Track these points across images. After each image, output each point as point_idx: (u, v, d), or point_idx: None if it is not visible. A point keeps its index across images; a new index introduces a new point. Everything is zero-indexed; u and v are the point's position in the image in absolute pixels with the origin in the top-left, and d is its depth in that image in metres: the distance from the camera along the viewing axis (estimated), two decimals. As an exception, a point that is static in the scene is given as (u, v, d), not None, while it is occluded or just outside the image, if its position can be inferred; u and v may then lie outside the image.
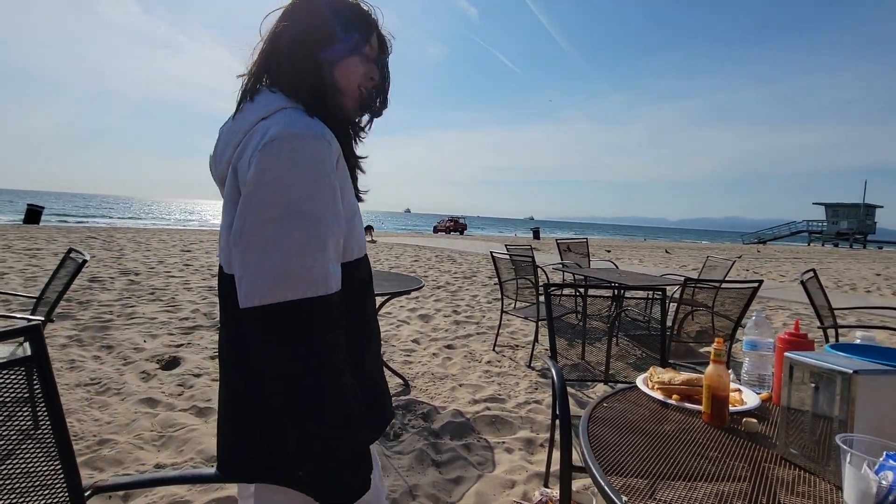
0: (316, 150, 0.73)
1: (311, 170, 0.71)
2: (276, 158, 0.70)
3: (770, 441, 1.03)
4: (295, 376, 0.68)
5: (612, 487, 0.80)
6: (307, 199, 0.70)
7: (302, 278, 0.69)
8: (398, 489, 2.02)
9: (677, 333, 3.49)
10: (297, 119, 0.75)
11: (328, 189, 0.73)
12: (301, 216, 0.70)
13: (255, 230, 0.70)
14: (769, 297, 8.05)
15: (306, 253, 0.70)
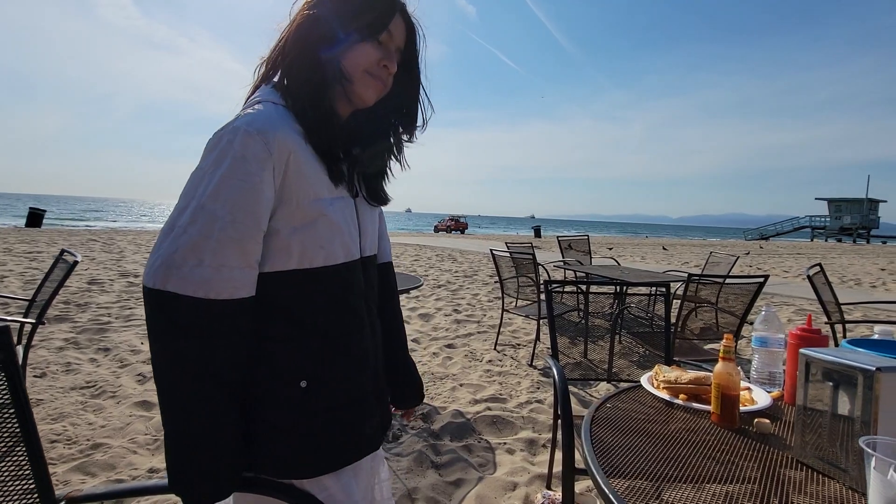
0: (244, 146, 0.70)
1: (229, 167, 0.70)
2: (207, 151, 0.72)
3: (784, 443, 0.97)
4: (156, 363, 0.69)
5: (613, 491, 0.75)
6: (211, 196, 0.69)
7: (184, 275, 0.67)
8: (397, 492, 1.97)
9: (681, 330, 3.43)
10: (256, 113, 0.74)
11: (239, 190, 0.70)
12: (202, 212, 0.69)
13: (171, 215, 0.71)
14: (773, 293, 7.97)
15: (195, 250, 0.68)
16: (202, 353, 0.69)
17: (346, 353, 0.82)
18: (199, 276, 0.67)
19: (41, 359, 3.41)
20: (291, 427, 0.77)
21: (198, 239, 0.68)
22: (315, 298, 0.79)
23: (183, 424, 0.69)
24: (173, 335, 0.68)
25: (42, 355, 3.49)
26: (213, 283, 0.68)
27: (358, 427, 0.84)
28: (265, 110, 0.76)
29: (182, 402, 0.69)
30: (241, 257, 0.71)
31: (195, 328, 0.68)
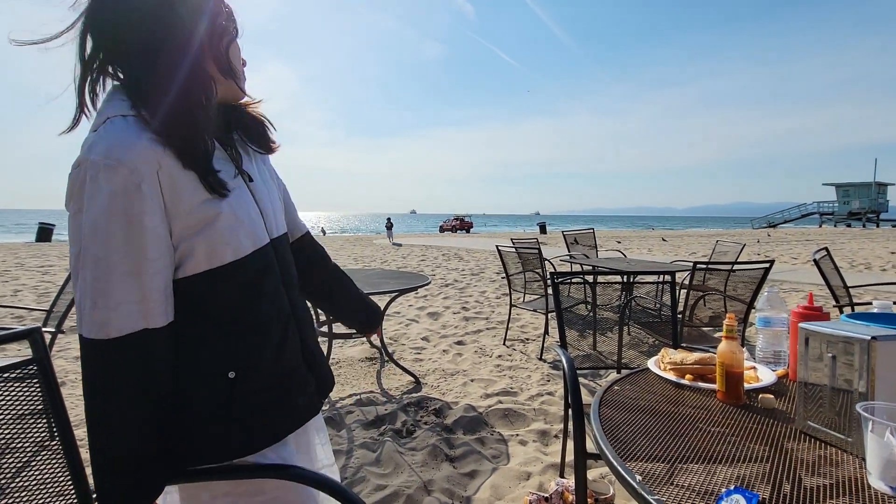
0: (108, 181, 0.67)
1: (102, 206, 0.67)
2: (73, 191, 0.69)
3: (788, 416, 1.00)
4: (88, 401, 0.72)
5: (624, 467, 0.78)
6: (93, 239, 0.68)
7: (85, 319, 0.70)
8: (412, 485, 2.01)
9: (689, 319, 3.44)
10: (107, 136, 0.70)
11: (118, 226, 0.68)
12: (87, 255, 0.69)
13: (70, 261, 0.72)
14: (781, 279, 7.93)
15: (90, 294, 0.69)
16: (115, 387, 0.72)
17: (267, 337, 0.84)
18: (97, 318, 0.69)
19: (60, 368, 3.49)
20: (225, 415, 0.80)
21: (90, 282, 0.69)
22: (229, 292, 0.80)
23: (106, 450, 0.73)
24: (89, 372, 0.72)
25: (61, 365, 3.57)
26: (111, 322, 0.69)
27: (291, 400, 0.87)
28: (116, 130, 0.70)
29: (102, 431, 0.73)
30: (137, 290, 0.71)
31: (104, 366, 0.71)
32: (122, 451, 0.73)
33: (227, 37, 0.81)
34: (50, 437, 0.94)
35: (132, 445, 0.74)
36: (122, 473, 0.74)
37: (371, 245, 18.73)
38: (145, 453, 0.75)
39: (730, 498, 0.67)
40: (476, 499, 1.94)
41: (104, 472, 0.73)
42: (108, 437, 0.73)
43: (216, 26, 0.79)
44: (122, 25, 0.73)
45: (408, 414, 2.73)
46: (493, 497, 1.95)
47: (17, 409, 0.90)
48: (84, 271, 0.69)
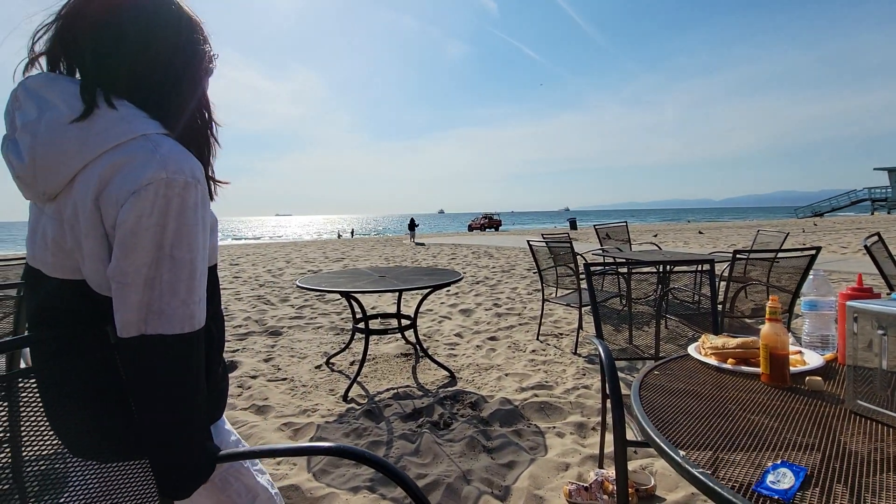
0: (191, 197, 0.75)
1: (187, 218, 0.74)
2: (152, 206, 0.72)
3: (837, 398, 0.98)
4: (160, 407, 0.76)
5: (668, 443, 0.79)
6: (180, 246, 0.74)
7: (170, 317, 0.74)
8: (452, 474, 2.05)
9: (730, 310, 3.34)
10: (170, 156, 0.74)
11: (201, 235, 0.77)
12: (172, 261, 0.74)
13: (131, 273, 0.73)
14: (830, 269, 7.54)
15: (176, 294, 0.74)
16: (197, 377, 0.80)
17: (223, 321, 0.96)
18: (188, 313, 0.76)
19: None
20: (227, 386, 0.96)
21: (178, 285, 0.75)
22: (212, 285, 0.90)
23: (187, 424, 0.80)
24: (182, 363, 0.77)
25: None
26: (197, 315, 0.78)
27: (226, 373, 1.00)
28: (171, 148, 0.76)
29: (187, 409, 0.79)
30: (203, 288, 0.80)
31: (195, 353, 0.78)
32: (199, 422, 0.82)
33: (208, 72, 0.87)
34: None
35: (202, 419, 0.83)
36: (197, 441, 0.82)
37: (401, 245, 18.94)
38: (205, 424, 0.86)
39: (776, 471, 0.67)
40: (515, 488, 1.96)
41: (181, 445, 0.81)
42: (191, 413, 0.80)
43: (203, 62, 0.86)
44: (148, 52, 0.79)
45: (444, 407, 2.77)
46: (532, 486, 1.97)
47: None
48: (168, 275, 0.74)
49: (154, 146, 0.74)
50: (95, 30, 0.75)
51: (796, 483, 0.64)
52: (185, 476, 0.83)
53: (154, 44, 0.78)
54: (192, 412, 0.80)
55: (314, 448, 0.95)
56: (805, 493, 0.65)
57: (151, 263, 0.73)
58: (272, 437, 2.47)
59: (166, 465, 0.82)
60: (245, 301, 6.45)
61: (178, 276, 0.74)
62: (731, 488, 0.66)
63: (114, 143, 0.72)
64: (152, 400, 0.77)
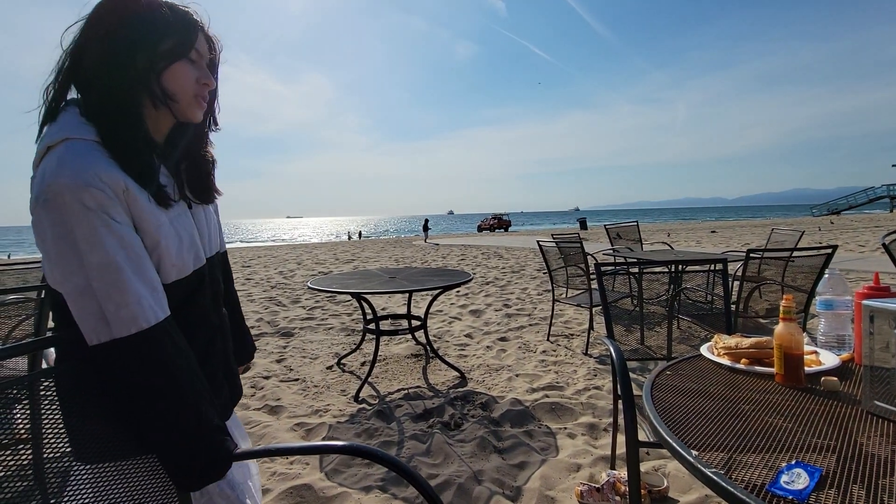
0: (88, 200, 0.73)
1: (90, 221, 0.73)
2: (48, 215, 0.72)
3: (854, 398, 0.97)
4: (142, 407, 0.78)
5: (680, 443, 0.79)
6: (93, 251, 0.73)
7: (113, 322, 0.74)
8: (463, 475, 2.05)
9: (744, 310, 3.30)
10: (69, 160, 0.73)
11: (109, 235, 0.74)
12: (93, 267, 0.73)
13: (62, 281, 0.74)
14: (848, 269, 7.40)
15: (110, 299, 0.74)
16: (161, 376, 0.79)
17: (192, 344, 0.89)
18: (126, 315, 0.75)
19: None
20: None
21: (106, 287, 0.74)
22: (179, 299, 0.88)
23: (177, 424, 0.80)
24: (141, 365, 0.77)
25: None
26: (140, 314, 0.76)
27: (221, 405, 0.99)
28: (78, 150, 0.75)
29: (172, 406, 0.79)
30: (145, 287, 0.78)
31: (156, 352, 0.78)
32: (193, 420, 0.82)
33: (165, 62, 0.83)
34: None
35: (200, 414, 0.83)
36: (198, 440, 0.82)
37: (411, 246, 19.00)
38: (211, 419, 0.85)
39: (791, 472, 0.67)
40: (526, 489, 1.96)
41: (181, 447, 0.81)
42: (178, 412, 0.80)
43: (156, 54, 0.82)
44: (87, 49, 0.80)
45: (455, 407, 2.78)
46: (544, 487, 1.96)
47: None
48: (96, 282, 0.74)
49: (65, 151, 0.74)
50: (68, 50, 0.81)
51: (811, 483, 0.64)
52: (194, 473, 0.83)
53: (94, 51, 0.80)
54: (178, 411, 0.80)
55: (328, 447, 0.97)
56: (820, 493, 0.64)
57: (75, 272, 0.73)
58: (285, 437, 2.50)
59: (170, 464, 0.83)
60: (257, 302, 6.52)
61: (104, 280, 0.74)
62: (744, 488, 0.65)
63: (45, 146, 0.75)
64: (134, 402, 0.78)
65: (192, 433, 0.82)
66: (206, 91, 0.89)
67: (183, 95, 0.86)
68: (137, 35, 0.80)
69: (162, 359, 0.79)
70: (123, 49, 0.80)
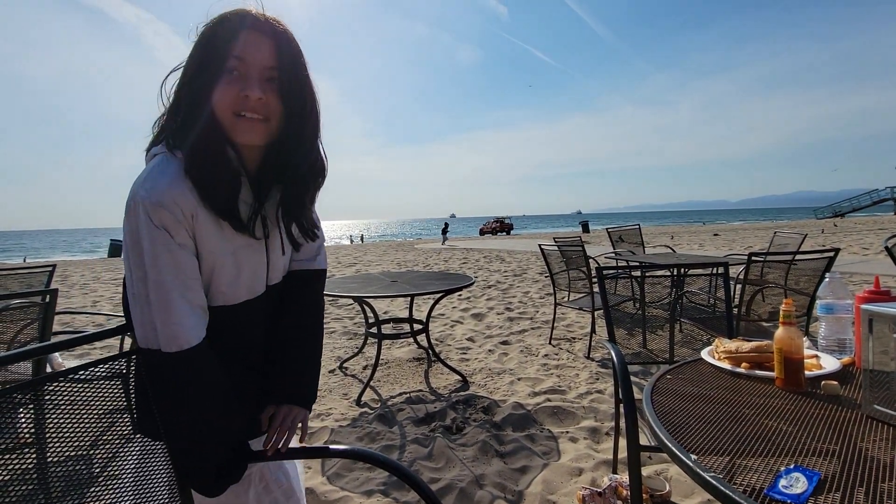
0: (156, 217, 0.75)
1: (153, 238, 0.76)
2: (128, 221, 0.77)
3: (854, 402, 0.97)
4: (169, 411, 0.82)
5: (679, 447, 0.79)
6: (152, 266, 0.77)
7: (158, 335, 0.78)
8: (465, 479, 2.05)
9: (746, 313, 3.29)
10: (154, 175, 0.77)
11: (169, 256, 0.77)
12: (150, 281, 0.77)
13: (130, 284, 0.79)
14: (851, 271, 7.37)
15: (158, 314, 0.77)
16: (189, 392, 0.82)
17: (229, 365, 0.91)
18: (168, 334, 0.78)
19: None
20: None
21: (155, 303, 0.77)
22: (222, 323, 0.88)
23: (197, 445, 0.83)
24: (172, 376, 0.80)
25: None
26: (180, 336, 0.78)
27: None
28: (162, 170, 0.78)
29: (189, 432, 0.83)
30: (190, 310, 0.80)
31: (178, 375, 0.80)
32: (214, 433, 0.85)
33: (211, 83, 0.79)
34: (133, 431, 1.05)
35: (224, 426, 0.85)
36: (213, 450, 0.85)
37: (413, 250, 19.01)
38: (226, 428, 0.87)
39: (789, 476, 0.67)
40: (528, 493, 1.96)
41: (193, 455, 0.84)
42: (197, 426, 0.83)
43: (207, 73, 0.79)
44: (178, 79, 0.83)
45: (457, 411, 2.77)
46: (546, 491, 1.96)
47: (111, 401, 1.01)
48: (151, 294, 0.77)
49: (155, 164, 0.79)
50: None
51: (809, 488, 0.64)
52: (205, 479, 0.85)
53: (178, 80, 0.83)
54: (198, 427, 0.83)
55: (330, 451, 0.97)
56: (818, 498, 0.64)
57: (140, 280, 0.77)
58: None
59: (184, 466, 0.86)
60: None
61: (157, 295, 0.77)
62: (743, 492, 0.66)
63: (150, 158, 0.82)
64: (163, 405, 0.82)
65: (206, 450, 0.85)
66: (248, 104, 0.79)
67: (224, 118, 0.80)
68: (195, 60, 0.80)
69: (191, 379, 0.81)
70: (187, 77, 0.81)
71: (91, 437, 0.95)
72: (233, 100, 0.78)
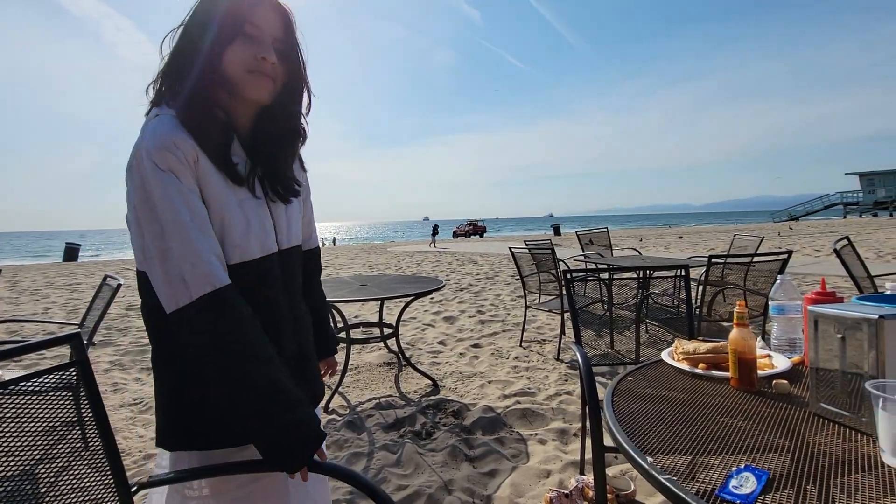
0: (160, 161, 0.77)
1: (160, 180, 0.77)
2: (133, 178, 0.78)
3: (802, 400, 1.00)
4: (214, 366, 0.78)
5: (636, 449, 0.80)
6: (168, 211, 0.77)
7: (194, 280, 0.76)
8: (433, 485, 2.03)
9: (708, 313, 3.40)
10: (153, 128, 0.79)
11: (178, 195, 0.78)
12: (167, 230, 0.76)
13: (145, 247, 0.78)
14: (805, 272, 7.75)
15: (186, 258, 0.76)
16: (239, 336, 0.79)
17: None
18: (201, 272, 0.76)
19: (91, 381, 3.61)
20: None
21: (181, 247, 0.76)
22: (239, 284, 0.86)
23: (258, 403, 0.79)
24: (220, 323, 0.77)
25: (91, 377, 3.69)
26: (214, 273, 0.78)
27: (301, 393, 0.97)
28: (162, 122, 0.80)
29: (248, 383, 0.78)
30: (212, 250, 0.80)
31: (233, 310, 0.78)
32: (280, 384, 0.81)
33: (220, 45, 0.82)
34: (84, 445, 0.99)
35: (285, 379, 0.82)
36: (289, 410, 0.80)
37: (386, 253, 18.87)
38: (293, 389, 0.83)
39: (740, 476, 0.68)
40: (496, 497, 1.95)
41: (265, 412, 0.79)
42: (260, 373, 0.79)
43: (218, 34, 0.82)
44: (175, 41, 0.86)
45: (427, 416, 2.75)
46: (514, 495, 1.96)
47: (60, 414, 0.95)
48: (173, 241, 0.76)
49: (155, 123, 0.80)
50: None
51: (758, 487, 0.65)
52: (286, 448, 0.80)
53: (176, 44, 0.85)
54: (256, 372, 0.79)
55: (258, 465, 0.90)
56: (767, 496, 0.66)
57: (156, 237, 0.76)
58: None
59: (261, 440, 0.80)
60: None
61: (177, 238, 0.76)
62: (695, 494, 0.66)
63: (145, 123, 0.82)
64: (219, 369, 0.78)
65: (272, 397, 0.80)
66: (265, 66, 0.84)
67: (236, 74, 0.84)
68: (199, 22, 0.84)
69: (236, 318, 0.79)
70: (191, 37, 0.84)
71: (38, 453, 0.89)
72: (248, 59, 0.83)
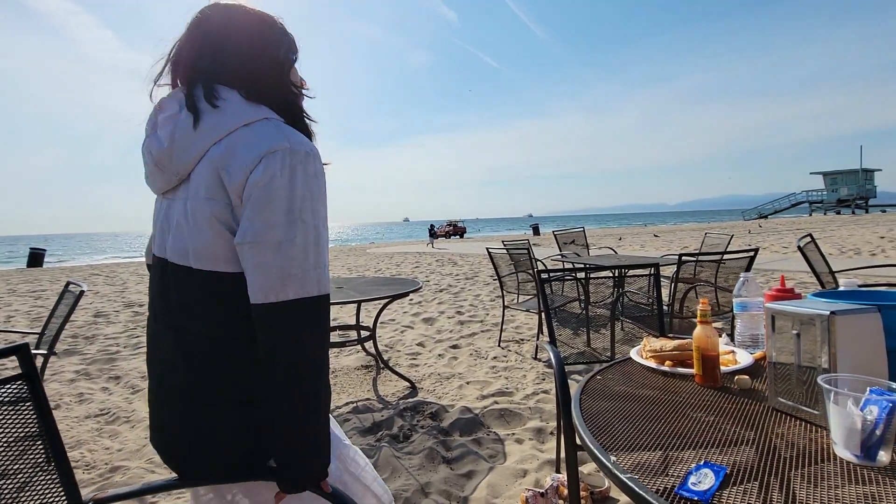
0: (315, 166, 0.83)
1: (314, 184, 0.81)
2: (283, 169, 0.79)
3: (762, 395, 1.03)
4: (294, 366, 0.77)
5: (601, 449, 0.80)
6: (309, 211, 0.80)
7: (303, 281, 0.78)
8: (410, 488, 2.02)
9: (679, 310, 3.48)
10: (290, 133, 0.83)
11: (323, 204, 0.83)
12: (303, 224, 0.79)
13: (263, 232, 0.77)
14: (773, 269, 8.01)
15: (306, 257, 0.78)
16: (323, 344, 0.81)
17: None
18: (314, 277, 0.79)
19: (54, 391, 3.47)
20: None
21: (305, 247, 0.79)
22: None
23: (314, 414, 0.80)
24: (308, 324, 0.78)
25: (55, 388, 3.55)
26: (323, 280, 0.81)
27: None
28: (286, 128, 0.85)
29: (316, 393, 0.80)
30: (326, 256, 0.83)
31: (322, 319, 0.80)
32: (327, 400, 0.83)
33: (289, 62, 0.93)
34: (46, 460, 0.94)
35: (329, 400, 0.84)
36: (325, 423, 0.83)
37: (365, 254, 18.73)
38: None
39: (699, 472, 0.69)
40: (473, 498, 1.95)
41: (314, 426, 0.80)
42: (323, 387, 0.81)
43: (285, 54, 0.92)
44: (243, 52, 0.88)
45: (404, 419, 2.73)
46: (490, 496, 1.96)
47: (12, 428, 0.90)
48: (298, 237, 0.78)
49: (276, 124, 0.84)
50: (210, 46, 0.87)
51: (715, 483, 0.66)
52: (317, 462, 0.81)
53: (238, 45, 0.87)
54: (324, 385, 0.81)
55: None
56: (723, 492, 0.67)
57: (284, 225, 0.77)
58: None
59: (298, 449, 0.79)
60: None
61: (307, 239, 0.79)
62: (655, 492, 0.67)
63: (242, 122, 0.82)
64: (292, 371, 0.77)
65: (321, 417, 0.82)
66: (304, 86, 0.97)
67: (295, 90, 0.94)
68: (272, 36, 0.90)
69: (326, 328, 0.81)
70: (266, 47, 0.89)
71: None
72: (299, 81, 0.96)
